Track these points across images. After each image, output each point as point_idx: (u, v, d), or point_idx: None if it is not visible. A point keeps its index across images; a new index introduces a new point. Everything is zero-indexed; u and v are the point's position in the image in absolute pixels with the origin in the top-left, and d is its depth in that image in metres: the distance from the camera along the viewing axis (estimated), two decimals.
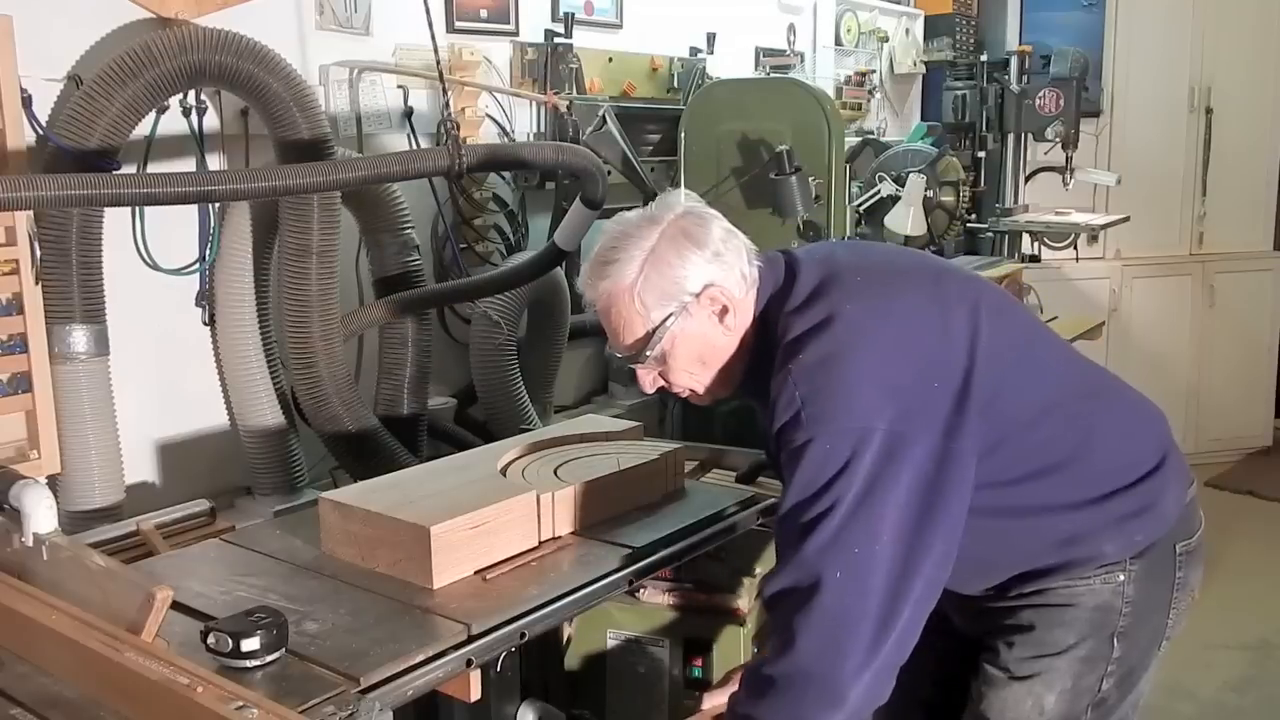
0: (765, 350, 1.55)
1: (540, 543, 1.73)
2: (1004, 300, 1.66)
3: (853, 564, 1.38)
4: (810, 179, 3.07)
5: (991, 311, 1.54)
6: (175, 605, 1.41)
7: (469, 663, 1.46)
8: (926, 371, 1.45)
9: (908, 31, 5.32)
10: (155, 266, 2.50)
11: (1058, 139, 4.43)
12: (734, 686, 1.57)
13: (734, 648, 2.28)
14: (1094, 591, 1.58)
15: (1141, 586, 1.59)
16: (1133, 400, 1.68)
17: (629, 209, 3.79)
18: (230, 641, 1.34)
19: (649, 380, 1.61)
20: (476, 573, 1.64)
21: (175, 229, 2.52)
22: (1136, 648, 1.63)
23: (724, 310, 1.53)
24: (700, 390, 1.62)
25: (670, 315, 1.51)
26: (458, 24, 3.17)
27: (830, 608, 1.38)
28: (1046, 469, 1.55)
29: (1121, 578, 1.58)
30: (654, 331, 1.52)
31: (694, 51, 4.01)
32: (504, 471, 1.89)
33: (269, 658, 1.36)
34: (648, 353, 1.54)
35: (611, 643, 2.34)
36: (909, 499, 1.40)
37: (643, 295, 1.51)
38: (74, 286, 2.24)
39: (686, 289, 1.51)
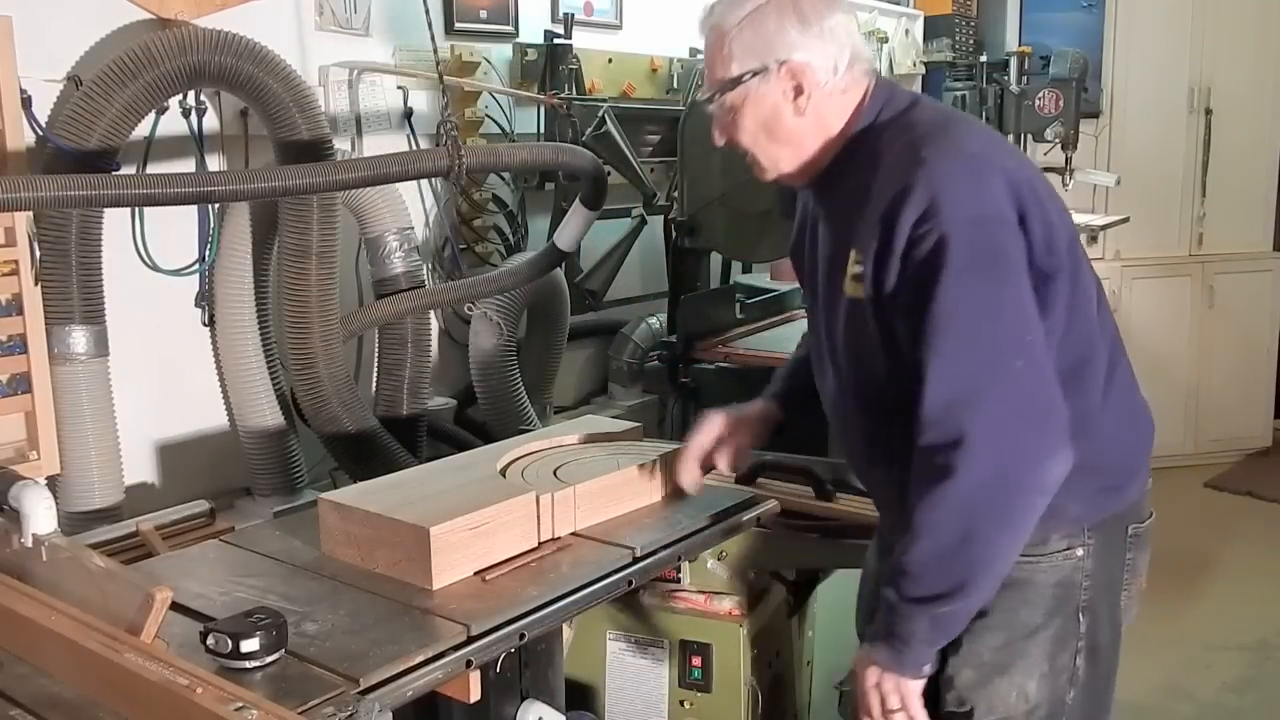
0: (858, 154, 1.57)
1: (540, 543, 1.73)
2: None
3: (1030, 351, 1.42)
4: None
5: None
6: (175, 606, 1.41)
7: (468, 663, 1.46)
8: (1042, 201, 1.49)
9: (907, 32, 5.32)
10: (155, 267, 2.51)
11: (1057, 140, 4.42)
12: None
13: (733, 648, 2.28)
14: (1055, 567, 1.60)
15: (1099, 561, 1.63)
16: (1140, 399, 1.72)
17: (628, 209, 3.81)
18: (230, 642, 1.34)
19: (717, 132, 1.64)
20: (476, 573, 1.63)
21: (175, 230, 2.52)
22: (1099, 622, 1.65)
23: (799, 89, 1.55)
24: (760, 160, 1.64)
25: (749, 73, 1.55)
26: (457, 25, 3.17)
27: (1018, 398, 1.41)
28: (1067, 383, 1.55)
29: (1080, 552, 1.61)
30: (729, 81, 1.56)
31: (694, 52, 4.01)
32: (503, 472, 1.88)
33: (268, 659, 1.35)
34: (719, 97, 1.58)
35: (611, 643, 2.35)
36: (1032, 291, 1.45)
37: (733, 44, 1.55)
38: (74, 287, 2.24)
39: (774, 54, 1.53)
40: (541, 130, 3.36)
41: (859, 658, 1.57)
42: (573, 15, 3.44)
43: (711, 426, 1.88)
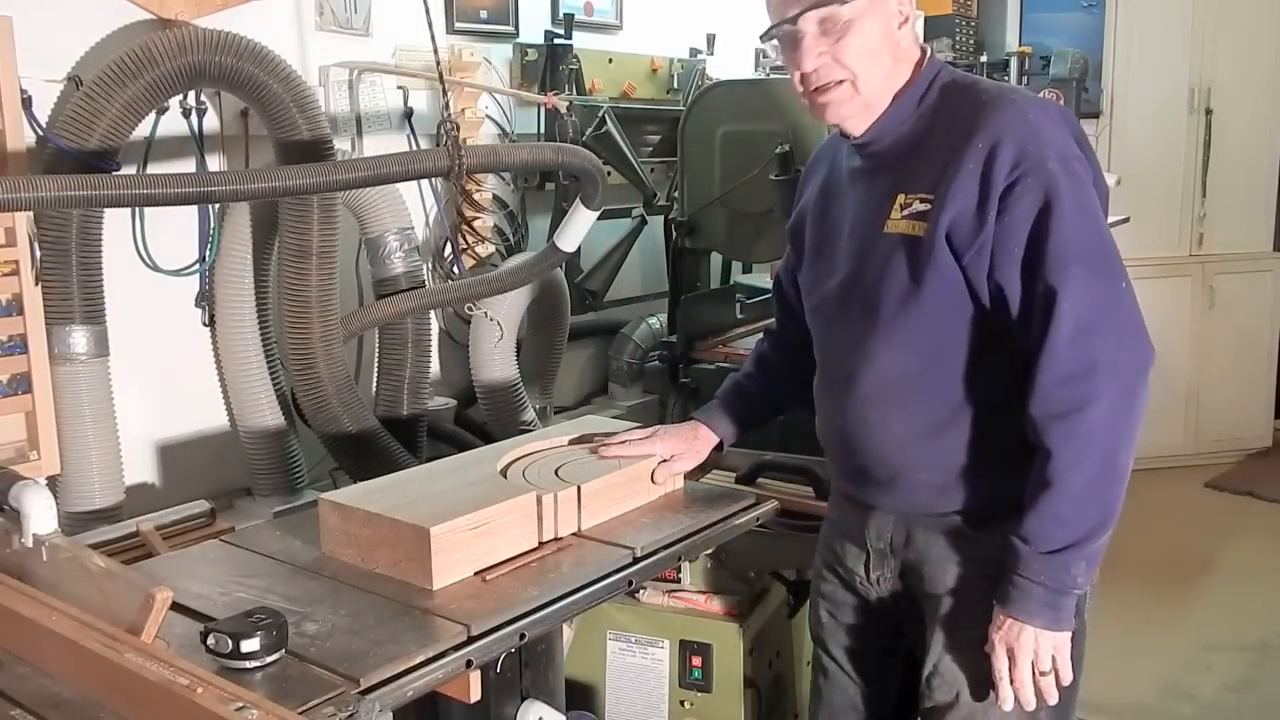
0: (918, 107, 1.61)
1: (540, 544, 1.73)
2: None
3: (1126, 272, 1.52)
4: None
5: None
6: (175, 606, 1.41)
7: (469, 663, 1.46)
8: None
9: None
10: (155, 267, 2.51)
11: None
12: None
13: (733, 648, 2.28)
14: None
15: None
16: None
17: (628, 210, 3.80)
18: (230, 642, 1.34)
19: (813, 54, 1.58)
20: (476, 574, 1.63)
21: (175, 230, 2.52)
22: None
23: (905, 20, 1.59)
24: (859, 84, 1.59)
25: None
26: (458, 25, 3.17)
27: (1129, 315, 1.50)
28: None
29: None
30: None
31: (694, 52, 4.01)
32: (504, 472, 1.89)
33: (269, 659, 1.35)
34: (839, 5, 1.53)
35: (611, 643, 2.35)
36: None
37: None
38: (74, 287, 2.24)
39: None
40: (541, 130, 3.36)
41: (1006, 633, 1.53)
42: (573, 15, 3.44)
43: (670, 443, 1.93)
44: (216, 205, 2.54)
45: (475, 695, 1.50)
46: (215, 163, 2.59)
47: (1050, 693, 1.55)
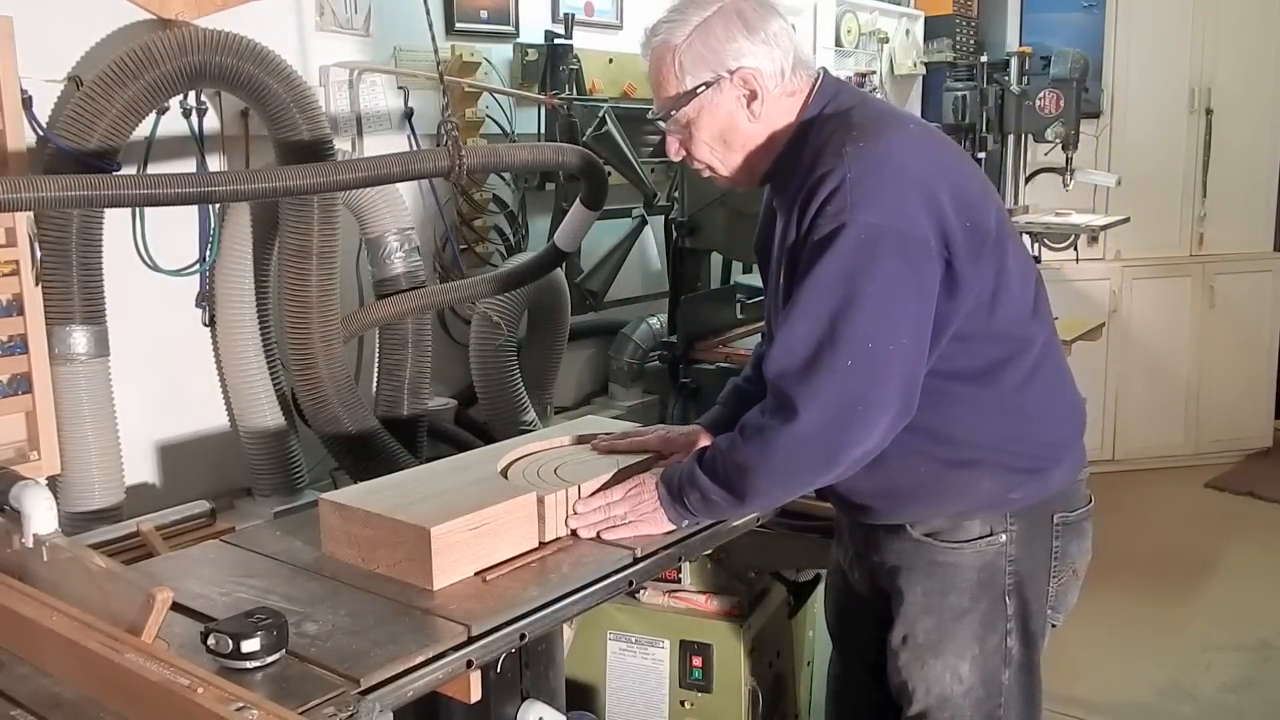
0: (800, 152, 1.62)
1: (541, 544, 1.73)
2: None
3: (866, 356, 1.48)
4: None
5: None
6: (175, 606, 1.41)
7: (469, 664, 1.46)
8: (967, 208, 1.55)
9: (908, 33, 5.32)
10: (155, 267, 2.51)
11: (1058, 140, 4.42)
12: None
13: (733, 648, 2.28)
14: (979, 553, 1.68)
15: (1022, 547, 1.69)
16: (1068, 381, 1.78)
17: (629, 209, 3.80)
18: (230, 642, 1.34)
19: (673, 148, 1.70)
20: (477, 574, 1.63)
21: (175, 230, 2.52)
22: (1027, 606, 1.71)
23: (752, 95, 1.61)
24: (719, 169, 1.70)
25: (702, 84, 1.61)
26: (458, 25, 3.17)
27: (836, 391, 1.49)
28: (984, 373, 1.63)
29: (1004, 538, 1.68)
30: (684, 95, 1.61)
31: None
32: (504, 472, 1.89)
33: (269, 659, 1.36)
34: (674, 113, 1.64)
35: (611, 643, 2.35)
36: (923, 307, 1.51)
37: (683, 59, 1.61)
38: (74, 288, 2.24)
39: (724, 64, 1.60)
40: (542, 130, 3.36)
41: (647, 475, 1.72)
42: (573, 15, 3.44)
43: (670, 443, 1.94)
44: (217, 205, 2.54)
45: (475, 695, 1.50)
46: (215, 163, 2.59)
47: (595, 531, 1.71)
